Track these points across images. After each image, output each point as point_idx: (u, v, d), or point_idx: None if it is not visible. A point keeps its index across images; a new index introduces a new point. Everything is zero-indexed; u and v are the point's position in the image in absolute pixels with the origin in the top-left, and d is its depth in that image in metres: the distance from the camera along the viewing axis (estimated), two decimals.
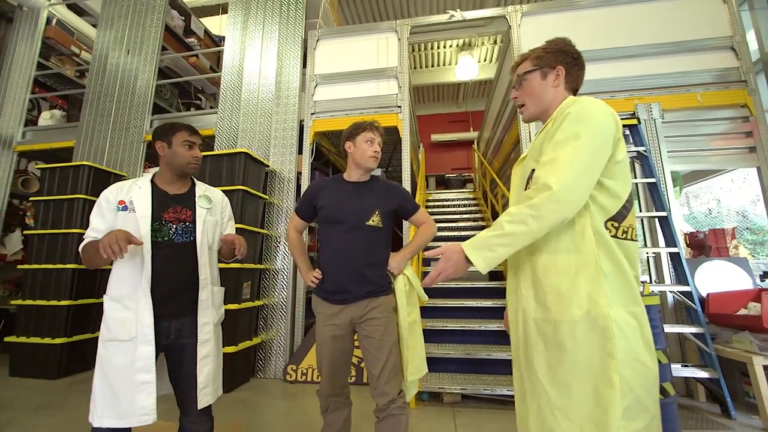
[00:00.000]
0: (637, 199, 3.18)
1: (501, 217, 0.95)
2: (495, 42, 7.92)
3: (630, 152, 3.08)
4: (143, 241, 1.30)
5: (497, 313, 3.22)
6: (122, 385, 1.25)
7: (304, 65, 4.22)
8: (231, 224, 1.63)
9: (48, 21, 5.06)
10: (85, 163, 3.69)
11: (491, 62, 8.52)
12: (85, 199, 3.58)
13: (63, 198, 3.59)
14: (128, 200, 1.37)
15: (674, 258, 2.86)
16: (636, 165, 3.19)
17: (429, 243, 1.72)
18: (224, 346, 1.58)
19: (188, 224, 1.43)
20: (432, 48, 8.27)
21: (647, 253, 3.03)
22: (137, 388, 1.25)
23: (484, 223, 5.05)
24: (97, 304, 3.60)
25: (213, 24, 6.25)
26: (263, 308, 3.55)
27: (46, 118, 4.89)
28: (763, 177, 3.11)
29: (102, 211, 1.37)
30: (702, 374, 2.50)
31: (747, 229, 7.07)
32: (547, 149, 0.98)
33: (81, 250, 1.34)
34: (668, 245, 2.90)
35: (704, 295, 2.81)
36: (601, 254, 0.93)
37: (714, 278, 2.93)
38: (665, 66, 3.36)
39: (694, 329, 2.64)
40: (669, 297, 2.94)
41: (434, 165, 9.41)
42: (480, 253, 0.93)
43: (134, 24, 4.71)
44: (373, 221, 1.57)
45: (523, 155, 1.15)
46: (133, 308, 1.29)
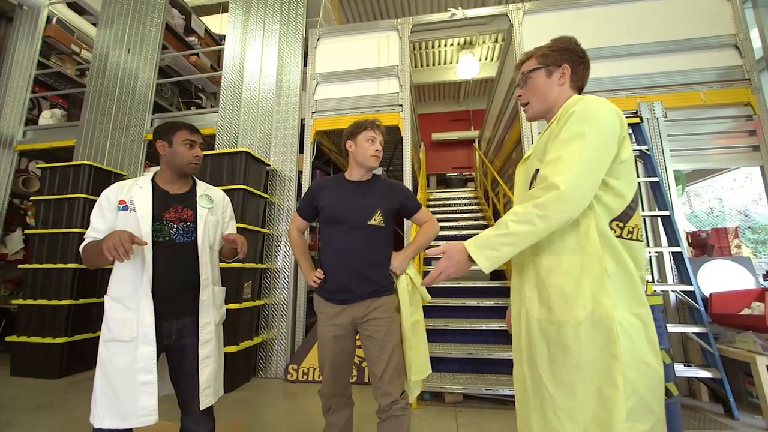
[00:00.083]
0: (640, 199, 3.16)
1: (506, 216, 0.93)
2: (496, 40, 7.90)
3: (632, 151, 3.05)
4: (141, 239, 1.29)
5: (499, 313, 3.21)
6: (123, 386, 1.25)
7: (305, 64, 4.21)
8: (232, 224, 1.62)
9: (48, 20, 5.06)
10: (86, 163, 3.69)
11: (492, 61, 8.50)
12: (86, 199, 3.58)
13: (64, 197, 3.58)
14: (129, 200, 1.36)
15: (677, 257, 2.85)
16: (638, 164, 3.18)
17: (431, 242, 1.71)
18: (225, 346, 1.57)
19: (189, 224, 1.42)
20: (433, 47, 8.24)
21: (650, 253, 3.02)
22: (138, 389, 1.24)
23: (486, 223, 5.04)
24: (98, 304, 3.60)
25: (213, 23, 6.24)
26: (264, 308, 3.55)
27: (47, 118, 4.89)
28: (766, 176, 3.09)
29: (102, 211, 1.36)
30: (705, 374, 2.49)
31: (749, 228, 7.05)
32: (552, 148, 0.97)
33: (82, 251, 1.33)
34: (671, 244, 2.89)
35: (707, 295, 2.80)
36: (606, 255, 0.92)
37: (717, 278, 2.91)
38: (668, 64, 3.34)
39: (697, 329, 2.62)
40: (671, 296, 2.92)
41: (435, 164, 9.40)
42: (483, 253, 0.91)
43: (135, 23, 4.70)
44: (375, 220, 1.56)
45: (527, 155, 1.13)
46: (134, 308, 1.28)
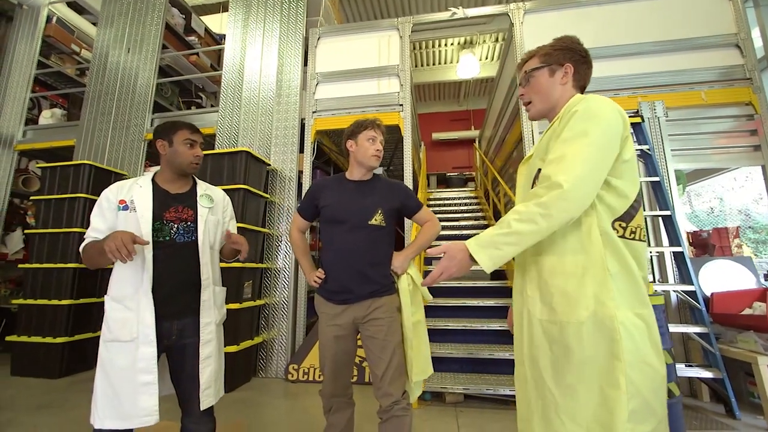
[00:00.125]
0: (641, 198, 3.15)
1: (508, 215, 0.92)
2: (496, 40, 7.88)
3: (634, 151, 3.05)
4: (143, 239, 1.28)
5: (500, 313, 3.21)
6: (124, 386, 1.24)
7: (306, 63, 4.20)
8: (232, 224, 1.62)
9: (48, 19, 5.05)
10: (86, 162, 3.69)
11: (493, 60, 8.48)
12: (86, 198, 3.58)
13: (64, 197, 3.58)
14: (129, 199, 1.35)
15: (678, 257, 2.84)
16: (639, 164, 3.17)
17: (433, 242, 1.70)
18: (225, 346, 1.57)
19: (190, 224, 1.42)
20: (433, 46, 8.23)
21: (651, 253, 3.02)
22: (139, 389, 1.24)
23: (486, 222, 5.04)
24: (98, 304, 3.60)
25: (213, 22, 6.23)
26: (265, 307, 3.54)
27: (47, 117, 4.89)
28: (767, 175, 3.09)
29: (102, 211, 1.35)
30: (706, 374, 2.49)
31: (749, 228, 7.04)
32: (555, 147, 0.96)
33: (82, 251, 1.32)
34: (672, 244, 2.89)
35: (708, 295, 2.79)
36: (608, 255, 0.92)
37: (718, 277, 2.91)
38: (669, 63, 3.33)
39: (698, 329, 2.62)
40: (672, 296, 2.92)
41: (435, 163, 9.40)
42: (486, 252, 0.90)
43: (134, 22, 4.70)
44: (376, 220, 1.56)
45: (529, 154, 1.13)
46: (135, 308, 1.28)
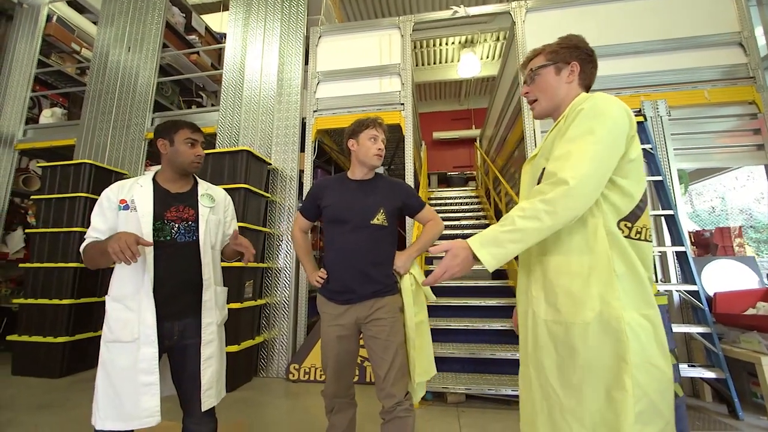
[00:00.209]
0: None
1: (512, 212, 0.91)
2: (497, 39, 7.86)
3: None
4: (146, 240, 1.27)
5: (501, 312, 3.20)
6: (125, 387, 1.24)
7: (306, 62, 4.19)
8: (233, 223, 1.61)
9: (48, 18, 5.04)
10: (87, 162, 3.68)
11: (493, 59, 8.46)
12: (87, 198, 3.57)
13: (64, 196, 3.57)
14: (129, 199, 1.34)
15: (681, 257, 2.83)
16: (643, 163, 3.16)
17: (435, 241, 1.69)
18: (226, 345, 1.56)
19: (191, 223, 1.41)
20: (434, 45, 8.21)
21: (653, 252, 3.00)
22: (140, 390, 1.23)
23: (487, 222, 5.02)
24: (99, 303, 3.59)
25: (214, 21, 6.23)
26: (266, 307, 3.54)
27: (47, 116, 4.88)
28: None
29: (103, 210, 1.34)
30: (709, 374, 2.48)
31: (751, 228, 7.02)
32: (560, 144, 0.95)
33: (82, 251, 1.31)
34: (674, 244, 2.87)
35: (711, 295, 2.78)
36: (614, 255, 0.91)
37: (721, 277, 2.90)
38: (672, 62, 3.31)
39: (701, 329, 2.60)
40: (675, 296, 2.91)
41: (436, 163, 9.38)
42: (488, 250, 0.89)
43: (135, 21, 4.68)
44: (378, 220, 1.55)
45: (534, 153, 1.12)
46: (136, 309, 1.27)
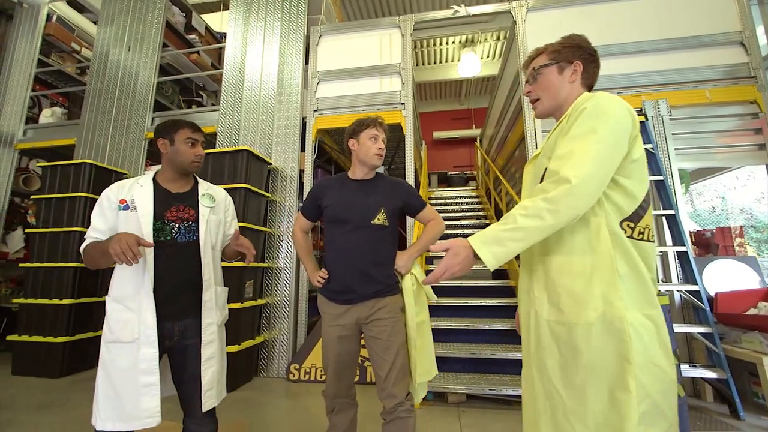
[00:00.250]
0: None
1: (514, 210, 0.91)
2: (498, 38, 7.86)
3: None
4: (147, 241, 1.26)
5: (502, 312, 3.19)
6: (125, 388, 1.23)
7: (307, 62, 4.18)
8: (234, 223, 1.60)
9: (48, 18, 5.03)
10: (87, 161, 3.67)
11: (494, 59, 8.45)
12: (87, 197, 3.57)
13: (64, 196, 3.57)
14: (129, 199, 1.34)
15: (682, 257, 2.82)
16: None
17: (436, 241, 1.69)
18: (227, 345, 1.55)
19: (191, 223, 1.40)
20: (434, 45, 8.20)
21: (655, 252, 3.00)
22: (141, 391, 1.23)
23: (487, 222, 5.02)
24: (99, 303, 3.59)
25: (214, 20, 6.22)
26: (266, 307, 3.53)
27: (47, 116, 4.88)
28: None
29: (103, 210, 1.34)
30: (710, 374, 2.47)
31: (752, 227, 7.01)
32: (562, 143, 0.95)
33: (83, 252, 1.31)
34: (676, 244, 2.87)
35: (712, 295, 2.78)
36: (617, 255, 0.90)
37: (722, 277, 2.89)
38: (673, 62, 3.30)
39: (702, 329, 2.60)
40: (676, 296, 2.90)
41: (436, 162, 9.37)
42: (489, 249, 0.88)
43: (135, 20, 4.68)
44: (379, 219, 1.54)
45: (536, 153, 1.11)
46: (136, 309, 1.26)
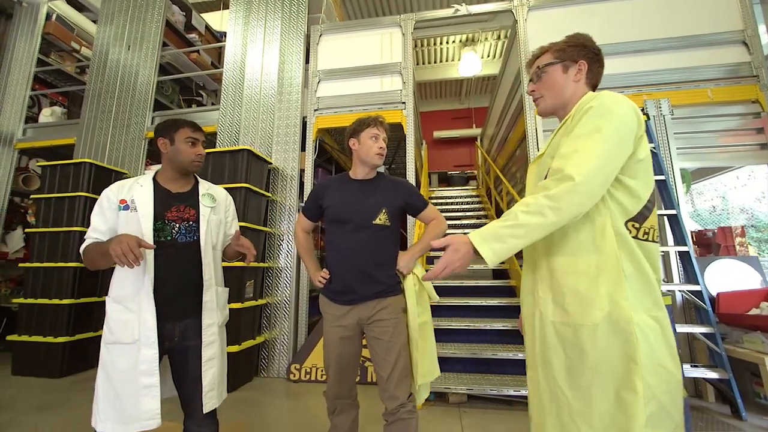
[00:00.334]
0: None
1: (515, 207, 0.90)
2: (498, 37, 7.84)
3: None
4: (148, 242, 1.25)
5: (503, 312, 3.18)
6: (126, 389, 1.22)
7: (307, 61, 4.17)
8: (234, 223, 1.60)
9: (48, 17, 5.01)
10: (87, 161, 3.66)
11: (494, 58, 8.44)
12: (87, 197, 3.56)
13: (64, 196, 3.56)
14: (129, 199, 1.33)
15: (683, 257, 2.81)
16: None
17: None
18: (227, 346, 1.55)
19: (192, 223, 1.39)
20: (434, 44, 8.19)
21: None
22: (141, 392, 1.22)
23: (488, 221, 5.01)
24: (99, 303, 3.58)
25: (214, 19, 6.20)
26: (266, 307, 3.52)
27: (47, 115, 4.86)
28: None
29: (103, 211, 1.33)
30: (712, 375, 2.46)
31: (752, 227, 7.00)
32: (567, 142, 0.94)
33: (83, 252, 1.30)
34: (677, 244, 2.85)
35: (714, 295, 2.77)
36: (623, 255, 0.90)
37: (724, 277, 2.88)
38: (675, 61, 3.29)
39: (704, 329, 2.59)
40: (678, 296, 2.89)
41: (436, 162, 9.36)
42: (490, 245, 0.87)
43: (135, 19, 4.66)
44: (380, 219, 1.53)
45: (540, 153, 1.10)
46: (136, 310, 1.25)
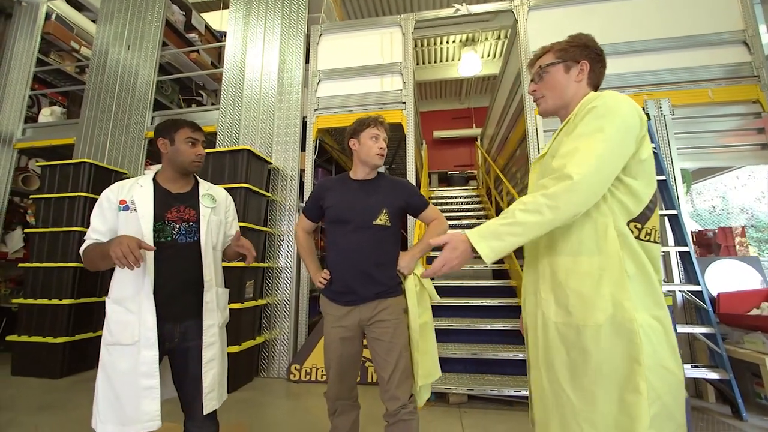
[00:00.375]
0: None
1: (513, 205, 0.91)
2: (498, 37, 7.84)
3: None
4: (148, 243, 1.25)
5: (503, 312, 3.18)
6: (126, 391, 1.22)
7: (307, 61, 4.16)
8: (235, 224, 1.59)
9: (47, 16, 5.00)
10: (86, 161, 3.66)
11: (494, 58, 8.43)
12: (86, 197, 3.55)
13: (64, 196, 3.55)
14: (129, 200, 1.32)
15: (684, 257, 2.81)
16: None
17: None
18: (227, 346, 1.54)
19: (192, 224, 1.39)
20: (435, 44, 8.18)
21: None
22: (141, 394, 1.22)
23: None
24: (99, 303, 3.57)
25: (214, 19, 6.19)
26: (266, 307, 3.52)
27: (46, 115, 4.86)
28: None
29: (103, 211, 1.32)
30: (712, 375, 2.46)
31: (752, 227, 7.00)
32: (568, 142, 0.94)
33: (83, 253, 1.29)
34: (678, 244, 2.85)
35: (715, 295, 2.76)
36: (625, 256, 0.89)
37: (724, 277, 2.88)
38: (675, 61, 3.28)
39: (705, 329, 2.59)
40: (678, 296, 2.89)
41: (436, 162, 9.35)
42: (487, 243, 0.88)
43: (134, 19, 4.65)
44: (381, 220, 1.53)
45: (542, 153, 1.10)
46: (136, 311, 1.25)
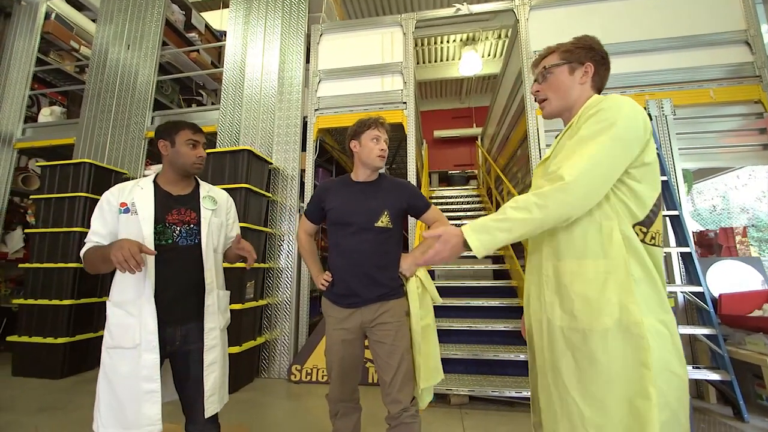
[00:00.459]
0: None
1: (507, 203, 0.93)
2: (499, 37, 7.82)
3: None
4: (149, 247, 1.24)
5: (504, 313, 3.18)
6: (127, 394, 1.22)
7: (308, 60, 4.15)
8: (236, 226, 1.58)
9: (47, 15, 4.99)
10: (86, 161, 3.65)
11: (495, 57, 8.41)
12: (87, 197, 3.54)
13: (64, 196, 3.54)
14: (130, 202, 1.32)
15: (686, 258, 2.80)
16: None
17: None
18: (228, 347, 1.54)
19: (193, 226, 1.38)
20: (435, 43, 8.16)
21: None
22: (142, 398, 1.21)
23: None
24: (100, 304, 3.57)
25: (214, 19, 6.18)
26: (267, 307, 3.51)
27: (46, 115, 4.84)
28: None
29: (103, 213, 1.32)
30: (714, 376, 2.45)
31: (753, 227, 6.99)
32: (569, 145, 0.95)
33: (83, 256, 1.28)
34: (680, 245, 2.84)
35: (716, 296, 2.76)
36: (631, 259, 0.89)
37: (725, 278, 2.87)
38: (677, 61, 3.28)
39: (706, 330, 2.58)
40: (680, 297, 2.88)
41: (437, 161, 9.34)
42: (477, 236, 0.90)
43: (134, 19, 4.64)
44: (382, 222, 1.52)
45: (546, 156, 1.10)
46: (137, 314, 1.24)
